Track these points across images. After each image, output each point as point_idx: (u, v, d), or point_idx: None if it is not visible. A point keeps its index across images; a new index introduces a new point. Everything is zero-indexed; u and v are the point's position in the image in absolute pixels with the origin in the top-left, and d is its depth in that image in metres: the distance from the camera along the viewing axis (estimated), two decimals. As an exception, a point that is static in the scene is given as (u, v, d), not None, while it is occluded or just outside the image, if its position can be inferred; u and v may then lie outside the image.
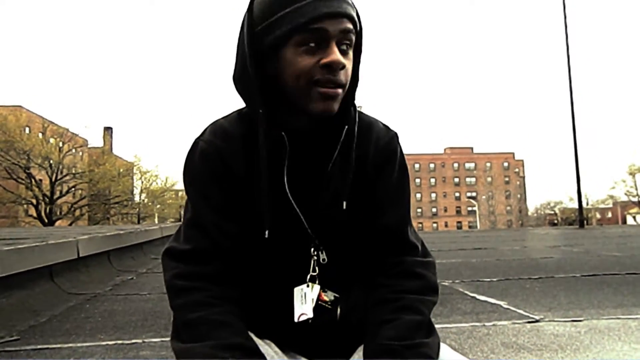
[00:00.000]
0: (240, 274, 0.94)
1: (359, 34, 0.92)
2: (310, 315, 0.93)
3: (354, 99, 0.95)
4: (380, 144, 0.99)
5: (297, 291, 0.95)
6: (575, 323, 2.72)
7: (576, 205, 18.64)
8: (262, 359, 0.86)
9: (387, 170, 0.99)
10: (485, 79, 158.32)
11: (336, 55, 0.86)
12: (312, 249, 0.95)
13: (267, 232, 0.92)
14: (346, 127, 0.93)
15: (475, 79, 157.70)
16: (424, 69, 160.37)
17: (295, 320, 0.94)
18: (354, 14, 0.89)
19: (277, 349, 0.96)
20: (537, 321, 2.80)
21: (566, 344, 2.32)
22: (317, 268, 0.95)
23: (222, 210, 0.93)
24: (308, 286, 0.95)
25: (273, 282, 0.97)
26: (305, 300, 0.94)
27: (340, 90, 0.88)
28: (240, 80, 0.93)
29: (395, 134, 1.03)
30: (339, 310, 0.96)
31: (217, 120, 1.00)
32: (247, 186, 0.94)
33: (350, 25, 0.88)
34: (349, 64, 0.90)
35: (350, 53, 0.91)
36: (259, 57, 0.90)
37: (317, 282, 0.95)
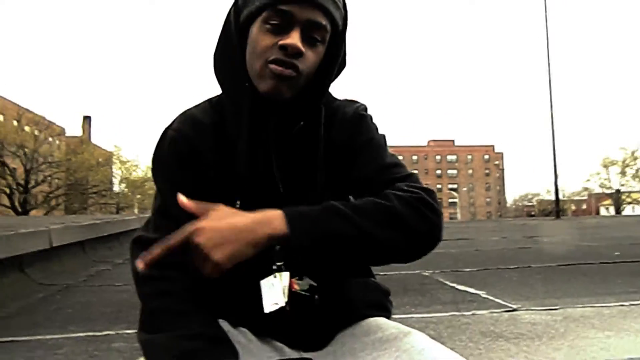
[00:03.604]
0: None
1: (339, 38, 0.91)
2: (282, 304, 0.90)
3: (322, 96, 0.94)
4: (347, 117, 0.98)
5: (265, 283, 0.92)
6: (551, 312, 2.75)
7: (553, 197, 19.02)
8: (229, 347, 0.85)
9: (362, 137, 0.96)
10: (466, 72, 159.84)
11: (294, 39, 0.84)
12: None
13: (238, 203, 0.90)
14: (302, 122, 0.93)
15: (457, 73, 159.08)
16: (407, 62, 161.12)
17: (266, 311, 0.91)
18: (332, 10, 0.87)
19: (251, 337, 0.95)
20: (514, 310, 2.82)
21: (542, 332, 2.34)
22: (281, 257, 0.92)
23: (191, 197, 0.91)
24: (275, 277, 0.92)
25: (244, 272, 0.93)
26: (275, 291, 0.91)
27: (292, 73, 0.86)
28: (223, 54, 0.93)
29: (361, 104, 1.01)
30: (316, 297, 0.93)
31: (187, 110, 0.99)
32: (217, 174, 0.92)
33: (321, 19, 0.86)
34: (311, 55, 0.88)
35: (320, 48, 0.89)
36: (238, 34, 0.90)
37: (283, 270, 0.92)
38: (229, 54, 0.91)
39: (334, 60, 0.93)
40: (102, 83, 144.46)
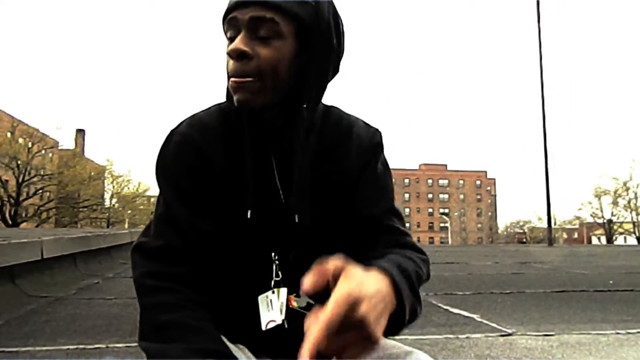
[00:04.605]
0: (211, 277, 0.90)
1: (306, 29, 0.86)
2: (279, 321, 0.89)
3: (305, 97, 0.89)
4: (363, 140, 0.97)
5: (262, 299, 0.91)
6: (547, 337, 2.73)
7: (544, 225, 19.08)
8: None
9: (371, 165, 0.97)
10: (460, 97, 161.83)
11: (235, 43, 0.83)
12: (273, 254, 0.91)
13: (249, 212, 0.88)
14: (301, 128, 0.90)
15: (450, 98, 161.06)
16: (401, 85, 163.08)
17: (263, 328, 0.89)
18: (279, 2, 0.83)
19: (250, 354, 0.92)
20: (509, 334, 2.81)
21: (539, 358, 2.33)
22: (280, 273, 0.90)
23: (195, 205, 0.90)
24: (273, 292, 0.90)
25: (243, 287, 0.92)
26: (272, 307, 0.90)
27: (247, 79, 0.83)
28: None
29: (377, 130, 1.01)
30: None
31: (195, 113, 0.96)
32: (224, 180, 0.90)
33: (263, 13, 0.83)
34: (266, 52, 0.83)
35: (277, 43, 0.84)
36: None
37: (281, 286, 0.91)
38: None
39: (312, 58, 0.87)
40: (96, 97, 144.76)
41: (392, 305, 0.65)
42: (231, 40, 0.85)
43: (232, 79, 0.84)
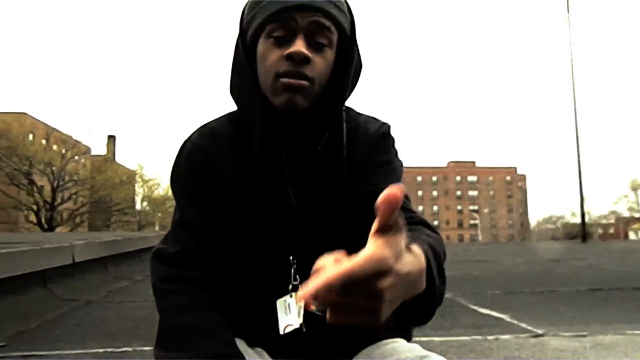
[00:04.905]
0: (228, 280, 0.91)
1: (347, 38, 0.90)
2: (297, 325, 0.88)
3: (341, 103, 0.93)
4: (370, 135, 0.96)
5: (280, 302, 0.90)
6: (579, 338, 2.64)
7: (578, 220, 18.57)
8: None
9: (378, 152, 0.95)
10: (489, 93, 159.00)
11: (298, 46, 0.84)
12: (291, 257, 0.91)
13: (260, 217, 0.89)
14: (327, 134, 0.91)
15: (479, 93, 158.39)
16: (428, 82, 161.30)
17: (281, 332, 0.89)
18: (334, 12, 0.87)
19: (268, 358, 0.92)
20: (540, 335, 2.72)
21: (571, 359, 2.25)
22: (297, 277, 0.89)
23: (208, 210, 0.92)
24: (291, 296, 0.90)
25: (261, 291, 0.92)
26: (290, 311, 0.89)
27: (304, 83, 0.85)
28: (235, 75, 0.93)
29: (385, 123, 1.00)
30: None
31: (206, 123, 1.00)
32: (234, 187, 0.92)
33: (323, 20, 0.85)
34: (320, 60, 0.87)
35: (328, 52, 0.88)
36: (246, 52, 0.90)
37: (299, 290, 0.90)
38: (240, 74, 0.92)
39: (348, 67, 0.91)
40: (126, 104, 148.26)
41: (418, 290, 0.57)
42: (277, 39, 0.85)
43: (286, 80, 0.85)
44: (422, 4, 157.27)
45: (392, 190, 0.49)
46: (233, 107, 0.99)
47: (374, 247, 0.50)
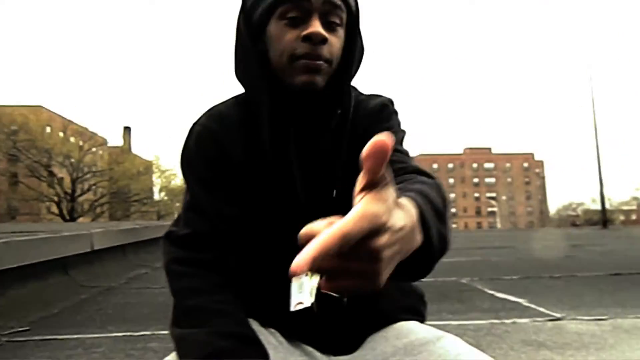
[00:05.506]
0: (238, 262, 0.91)
1: (354, 16, 0.91)
2: (308, 304, 0.87)
3: (349, 80, 0.93)
4: (370, 108, 0.96)
5: (295, 280, 0.90)
6: (599, 322, 2.60)
7: (599, 207, 18.26)
8: (261, 348, 0.83)
9: (380, 125, 0.92)
10: (504, 78, 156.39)
11: (316, 27, 0.84)
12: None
13: (270, 197, 0.89)
14: (339, 111, 0.91)
15: (494, 79, 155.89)
16: (443, 68, 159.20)
17: (292, 309, 0.89)
18: None
19: (281, 339, 0.92)
20: (558, 319, 2.69)
21: (589, 343, 2.21)
22: None
23: (218, 192, 0.92)
24: (307, 275, 0.90)
25: (270, 273, 0.92)
26: (303, 289, 0.89)
27: (322, 63, 0.86)
28: (240, 59, 0.93)
29: (387, 98, 0.99)
30: (345, 299, 0.90)
31: (214, 106, 1.00)
32: (243, 170, 0.92)
33: (336, 0, 0.86)
34: (335, 40, 0.87)
35: (340, 31, 0.89)
36: (252, 34, 0.90)
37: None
38: (245, 56, 0.92)
39: (355, 45, 0.92)
40: (140, 95, 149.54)
41: (415, 244, 0.54)
42: (292, 20, 0.85)
43: (306, 61, 0.85)
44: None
45: (380, 138, 0.44)
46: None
47: (364, 204, 0.46)
